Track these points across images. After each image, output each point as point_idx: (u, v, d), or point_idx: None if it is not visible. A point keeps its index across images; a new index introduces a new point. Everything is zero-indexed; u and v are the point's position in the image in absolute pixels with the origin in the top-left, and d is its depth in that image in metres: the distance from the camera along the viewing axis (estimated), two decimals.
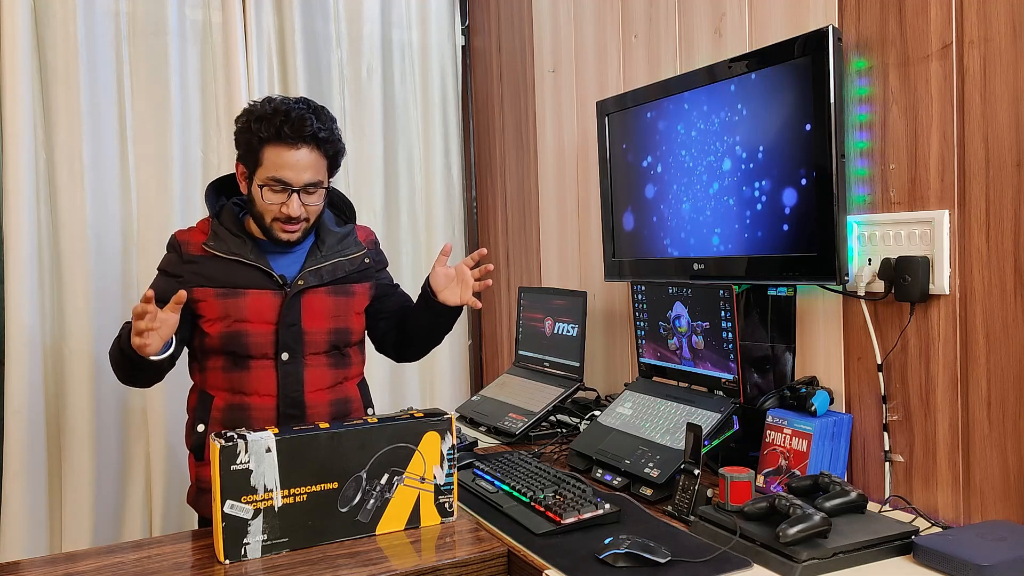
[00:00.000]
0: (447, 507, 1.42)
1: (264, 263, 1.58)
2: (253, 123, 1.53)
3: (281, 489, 1.30)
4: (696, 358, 1.69)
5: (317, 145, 1.54)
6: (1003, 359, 1.23)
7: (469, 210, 3.06)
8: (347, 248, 1.66)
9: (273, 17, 2.60)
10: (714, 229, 1.68)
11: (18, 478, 2.20)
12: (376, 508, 1.37)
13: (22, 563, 1.31)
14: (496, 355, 2.96)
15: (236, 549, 1.28)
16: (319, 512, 1.33)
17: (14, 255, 2.20)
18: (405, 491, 1.39)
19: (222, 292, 1.56)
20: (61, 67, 2.27)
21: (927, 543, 1.14)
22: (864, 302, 1.44)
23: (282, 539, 1.31)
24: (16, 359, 2.20)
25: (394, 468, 1.38)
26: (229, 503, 1.27)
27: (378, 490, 1.37)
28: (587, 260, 2.35)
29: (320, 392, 1.63)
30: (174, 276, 1.59)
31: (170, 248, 1.63)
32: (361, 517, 1.36)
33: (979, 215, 1.26)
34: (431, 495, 1.41)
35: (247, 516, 1.28)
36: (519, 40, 2.69)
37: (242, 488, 1.28)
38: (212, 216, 1.63)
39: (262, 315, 1.57)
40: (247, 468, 1.28)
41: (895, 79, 1.38)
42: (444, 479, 1.41)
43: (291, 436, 1.31)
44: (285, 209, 1.53)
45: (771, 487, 1.47)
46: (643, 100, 1.87)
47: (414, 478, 1.39)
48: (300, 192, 1.54)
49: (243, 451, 1.28)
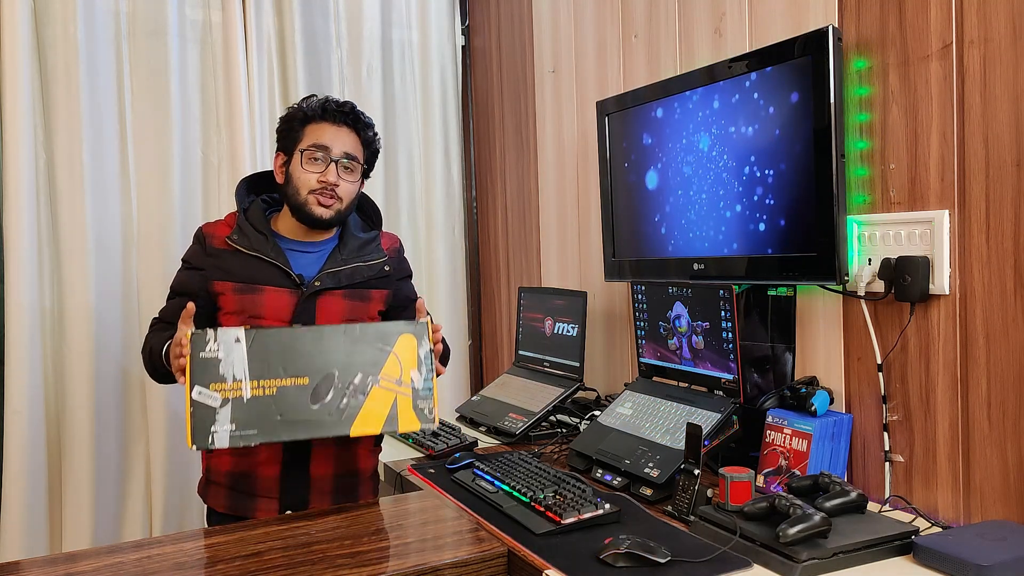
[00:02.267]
0: (426, 412, 1.41)
1: (284, 261, 1.60)
2: (298, 107, 1.63)
3: (250, 380, 1.33)
4: (696, 358, 1.69)
5: (358, 131, 1.63)
6: (1003, 359, 1.23)
7: (469, 210, 3.06)
8: (368, 254, 1.68)
9: (273, 17, 2.60)
10: (714, 229, 1.68)
11: (18, 478, 2.20)
12: (349, 407, 1.37)
13: (22, 563, 1.31)
14: (496, 355, 2.96)
15: (204, 436, 1.31)
16: (289, 406, 1.34)
17: (14, 255, 2.20)
18: (381, 393, 1.38)
19: (240, 287, 1.58)
20: (61, 67, 2.27)
21: (927, 543, 1.14)
22: (864, 302, 1.44)
23: (251, 431, 1.32)
24: (16, 359, 2.20)
25: (368, 369, 1.38)
26: (197, 389, 1.31)
27: (351, 389, 1.37)
28: (587, 260, 2.35)
29: None
30: (196, 268, 1.62)
31: (196, 240, 1.66)
32: (334, 415, 1.36)
33: (979, 215, 1.26)
34: (409, 399, 1.40)
35: (215, 404, 1.31)
36: (519, 40, 2.69)
37: (211, 376, 1.31)
38: (240, 211, 1.66)
39: (277, 313, 1.58)
40: (216, 356, 1.32)
41: (895, 79, 1.38)
42: (423, 384, 1.41)
43: (261, 329, 1.36)
44: (323, 177, 1.58)
45: (771, 487, 1.47)
46: (643, 100, 1.87)
47: (390, 380, 1.39)
48: (338, 165, 1.59)
49: (212, 339, 1.32)
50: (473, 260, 3.06)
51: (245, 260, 1.59)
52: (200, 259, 1.62)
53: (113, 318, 2.36)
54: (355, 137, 1.63)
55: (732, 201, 1.63)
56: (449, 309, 2.92)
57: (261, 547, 1.33)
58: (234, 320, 1.59)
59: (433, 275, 2.89)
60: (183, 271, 1.64)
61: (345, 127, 1.62)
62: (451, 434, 1.98)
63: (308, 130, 1.61)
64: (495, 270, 2.94)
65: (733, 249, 1.63)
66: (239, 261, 1.60)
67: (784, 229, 1.51)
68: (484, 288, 3.05)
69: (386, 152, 2.80)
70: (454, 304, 2.95)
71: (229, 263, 1.60)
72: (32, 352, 2.22)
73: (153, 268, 2.39)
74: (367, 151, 1.67)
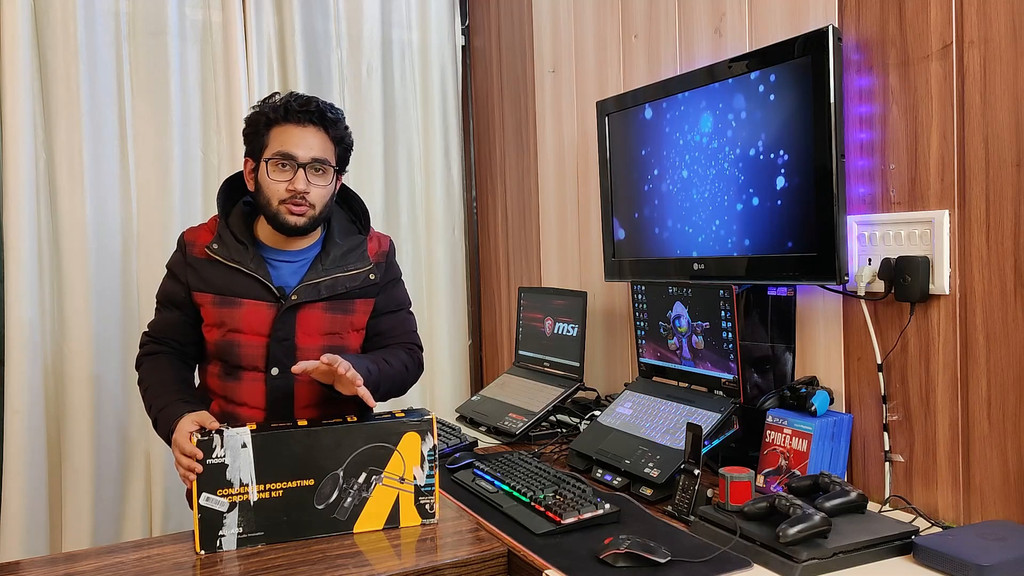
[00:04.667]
0: (428, 508, 1.42)
1: (264, 274, 1.54)
2: (260, 109, 1.54)
3: (257, 484, 1.33)
4: (696, 358, 1.69)
5: (324, 128, 1.53)
6: (1003, 359, 1.23)
7: (469, 210, 3.06)
8: (351, 263, 1.60)
9: (273, 17, 2.60)
10: (714, 229, 1.68)
11: (18, 478, 2.20)
12: (354, 506, 1.38)
13: (22, 563, 1.31)
14: (496, 355, 2.96)
15: (211, 540, 1.32)
16: (295, 508, 1.35)
17: (14, 255, 2.20)
18: (384, 491, 1.40)
19: (219, 300, 1.54)
20: (61, 67, 2.27)
21: (927, 543, 1.14)
22: (864, 302, 1.44)
23: (258, 532, 1.34)
24: (16, 359, 2.20)
25: (372, 467, 1.39)
26: (205, 496, 1.32)
27: (355, 488, 1.38)
28: (587, 260, 2.35)
29: (310, 409, 1.58)
30: (177, 280, 1.58)
31: (178, 246, 1.61)
32: (338, 515, 1.37)
33: (979, 215, 1.26)
34: (411, 496, 1.41)
35: (222, 509, 1.32)
36: (519, 40, 2.69)
37: (218, 481, 1.32)
38: (221, 216, 1.60)
39: (255, 327, 1.54)
40: (223, 462, 1.32)
41: (895, 79, 1.38)
42: (425, 480, 1.41)
43: (267, 432, 1.34)
44: (291, 186, 1.49)
45: (771, 487, 1.47)
46: (643, 100, 1.87)
47: (393, 478, 1.40)
48: (307, 170, 1.50)
49: (219, 445, 1.32)
50: (473, 260, 3.06)
51: (224, 271, 1.54)
52: (181, 268, 1.58)
53: (113, 318, 2.36)
54: (323, 135, 1.53)
55: (732, 201, 1.63)
56: (449, 309, 2.92)
57: (261, 547, 1.33)
58: (214, 333, 1.55)
59: (433, 275, 2.89)
60: (167, 280, 1.60)
61: (311, 126, 1.52)
62: (451, 434, 1.97)
63: (273, 134, 1.52)
64: (495, 270, 2.94)
65: (733, 249, 1.63)
66: (218, 272, 1.54)
67: (784, 229, 1.51)
68: (484, 288, 3.05)
69: (386, 152, 2.80)
70: (454, 304, 2.94)
71: (208, 273, 1.55)
72: (32, 352, 2.22)
73: (153, 268, 2.39)
74: (338, 148, 1.58)
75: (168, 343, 1.60)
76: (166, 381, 1.54)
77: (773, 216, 1.53)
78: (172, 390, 1.52)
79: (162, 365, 1.57)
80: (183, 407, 1.44)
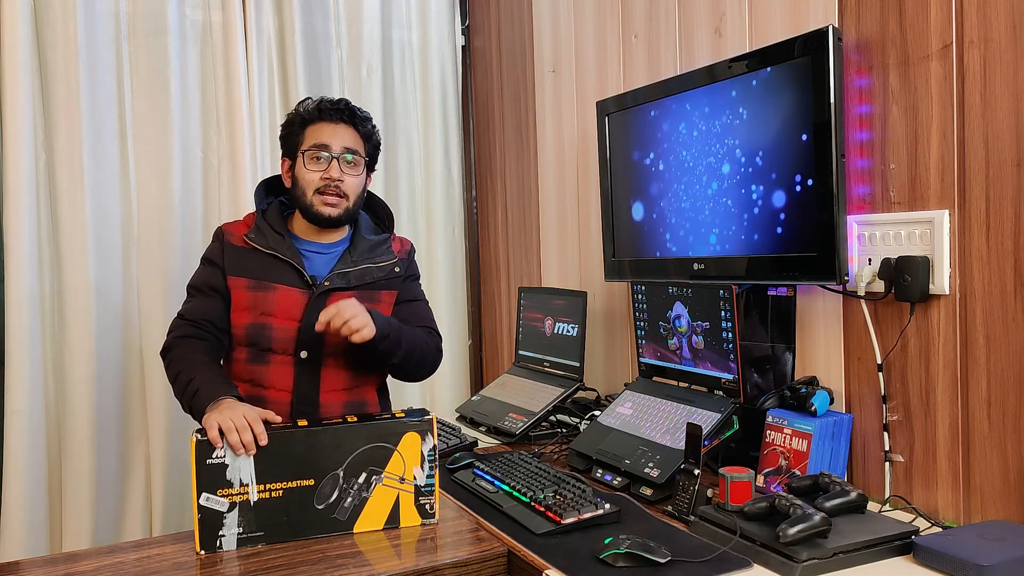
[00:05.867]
0: (428, 508, 1.42)
1: (298, 261, 1.64)
2: (295, 112, 1.68)
3: (257, 484, 1.33)
4: (696, 358, 1.69)
5: (355, 125, 1.68)
6: (1003, 359, 1.23)
7: (469, 210, 3.06)
8: (378, 256, 1.72)
9: (273, 17, 2.60)
10: (714, 229, 1.68)
11: (18, 478, 2.19)
12: (354, 506, 1.38)
13: (22, 563, 1.31)
14: (496, 355, 2.96)
15: (211, 540, 1.32)
16: (295, 508, 1.35)
17: (14, 255, 2.20)
18: (384, 491, 1.40)
19: (254, 284, 1.62)
20: (61, 67, 2.26)
21: (927, 543, 1.14)
22: (864, 302, 1.44)
23: (258, 532, 1.34)
24: (16, 359, 2.20)
25: (372, 467, 1.39)
26: (204, 496, 1.32)
27: (355, 489, 1.38)
28: (587, 260, 2.35)
29: (336, 392, 1.66)
30: (215, 265, 1.66)
31: (215, 238, 1.71)
32: (338, 515, 1.38)
33: (979, 215, 1.26)
34: (411, 496, 1.41)
35: (222, 509, 1.32)
36: (519, 40, 2.69)
37: (218, 482, 1.32)
38: (258, 211, 1.71)
39: (288, 311, 1.62)
40: (223, 463, 1.32)
41: (895, 79, 1.38)
42: (425, 480, 1.41)
43: (267, 433, 1.34)
44: (326, 174, 1.62)
45: (771, 487, 1.47)
46: (643, 100, 1.87)
47: (393, 478, 1.40)
48: (340, 161, 1.63)
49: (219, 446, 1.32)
50: (473, 260, 3.06)
51: (261, 258, 1.64)
52: (218, 256, 1.66)
53: (113, 318, 2.35)
54: (353, 132, 1.67)
55: (732, 201, 1.63)
56: (449, 309, 2.92)
57: (261, 547, 1.33)
58: (244, 317, 1.61)
59: (433, 275, 2.89)
60: (203, 268, 1.69)
61: (342, 123, 1.66)
62: (451, 434, 1.97)
63: (308, 132, 1.66)
64: (495, 270, 2.94)
65: (733, 249, 1.63)
66: (255, 259, 1.64)
67: (784, 229, 1.51)
68: (484, 288, 3.04)
69: (386, 152, 2.80)
70: (454, 304, 2.94)
71: (245, 260, 1.64)
72: (32, 352, 2.22)
73: (153, 268, 2.39)
74: (368, 144, 1.71)
75: (204, 326, 1.64)
76: (208, 363, 1.57)
77: (773, 216, 1.53)
78: (214, 372, 1.55)
79: (199, 348, 1.61)
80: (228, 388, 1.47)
